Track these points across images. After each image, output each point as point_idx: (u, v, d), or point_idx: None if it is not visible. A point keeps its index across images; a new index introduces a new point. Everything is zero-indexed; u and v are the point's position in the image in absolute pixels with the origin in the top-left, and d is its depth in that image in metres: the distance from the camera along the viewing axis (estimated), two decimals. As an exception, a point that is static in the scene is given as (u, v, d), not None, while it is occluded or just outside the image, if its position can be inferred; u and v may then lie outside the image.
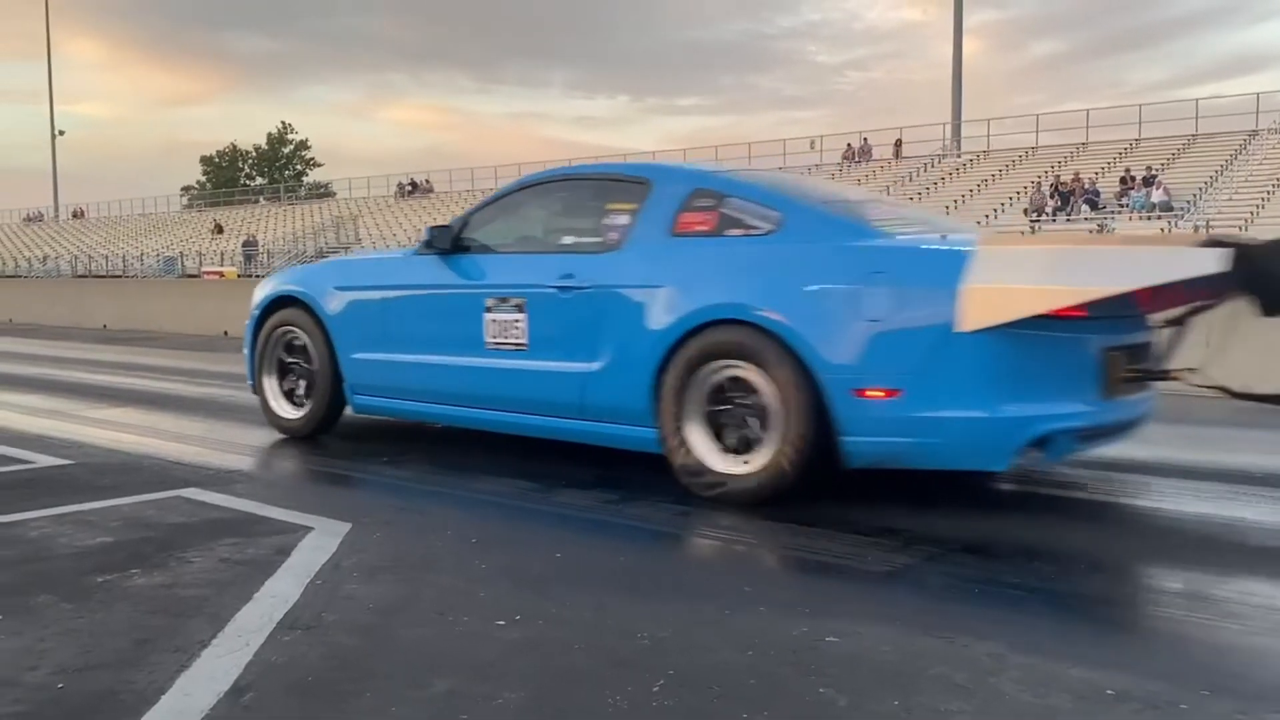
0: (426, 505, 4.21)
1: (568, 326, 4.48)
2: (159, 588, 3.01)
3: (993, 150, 33.67)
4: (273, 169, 70.45)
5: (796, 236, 4.06)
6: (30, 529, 3.66)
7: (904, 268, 3.81)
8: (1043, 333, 3.64)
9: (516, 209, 5.09)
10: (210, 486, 4.36)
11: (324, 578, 3.08)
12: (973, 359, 3.62)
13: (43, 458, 5.04)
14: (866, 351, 3.75)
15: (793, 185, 4.69)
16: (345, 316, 5.29)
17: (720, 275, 4.13)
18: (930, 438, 3.71)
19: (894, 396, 3.71)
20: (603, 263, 4.44)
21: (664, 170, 4.78)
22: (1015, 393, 3.66)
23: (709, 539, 3.68)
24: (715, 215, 4.28)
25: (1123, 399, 3.96)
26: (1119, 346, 3.90)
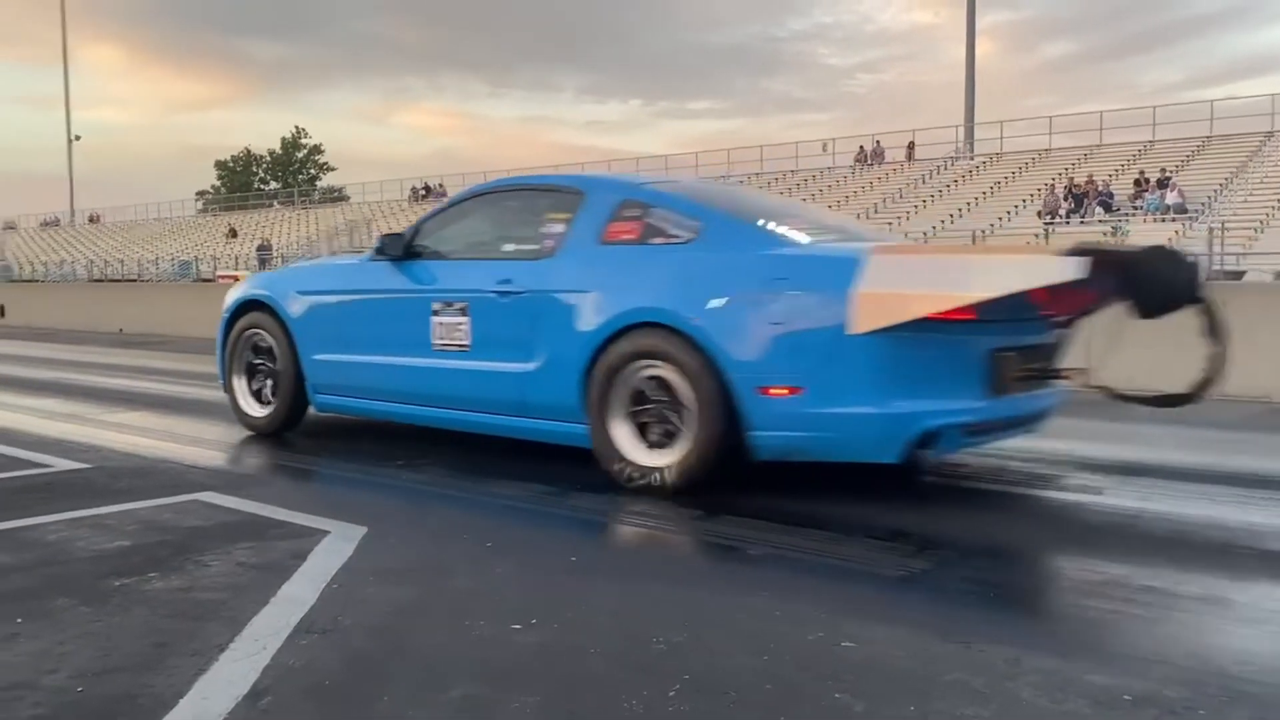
0: (442, 509, 4.22)
1: (506, 329, 4.74)
2: (176, 591, 3.02)
3: (1006, 153, 33.57)
4: (287, 173, 70.74)
5: (712, 245, 4.32)
6: (48, 532, 3.69)
7: (802, 274, 4.07)
8: (930, 334, 3.86)
9: (464, 218, 5.34)
10: (226, 490, 4.38)
11: (340, 581, 3.09)
12: (864, 359, 3.87)
13: (61, 461, 5.07)
14: (770, 352, 4.01)
15: (714, 196, 4.89)
16: (306, 319, 5.57)
17: (643, 281, 4.39)
18: (828, 432, 3.98)
19: (795, 394, 3.97)
20: (538, 269, 4.72)
21: (596, 181, 5.02)
22: (904, 390, 3.90)
23: (723, 544, 3.67)
24: (641, 224, 4.55)
25: (1018, 396, 4.21)
26: (1011, 347, 4.14)
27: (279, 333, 5.67)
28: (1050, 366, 4.38)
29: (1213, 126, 29.99)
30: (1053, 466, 4.95)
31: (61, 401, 7.60)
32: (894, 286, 3.84)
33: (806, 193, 34.93)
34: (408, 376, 5.14)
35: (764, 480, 4.41)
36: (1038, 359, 4.30)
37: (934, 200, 31.35)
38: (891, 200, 32.36)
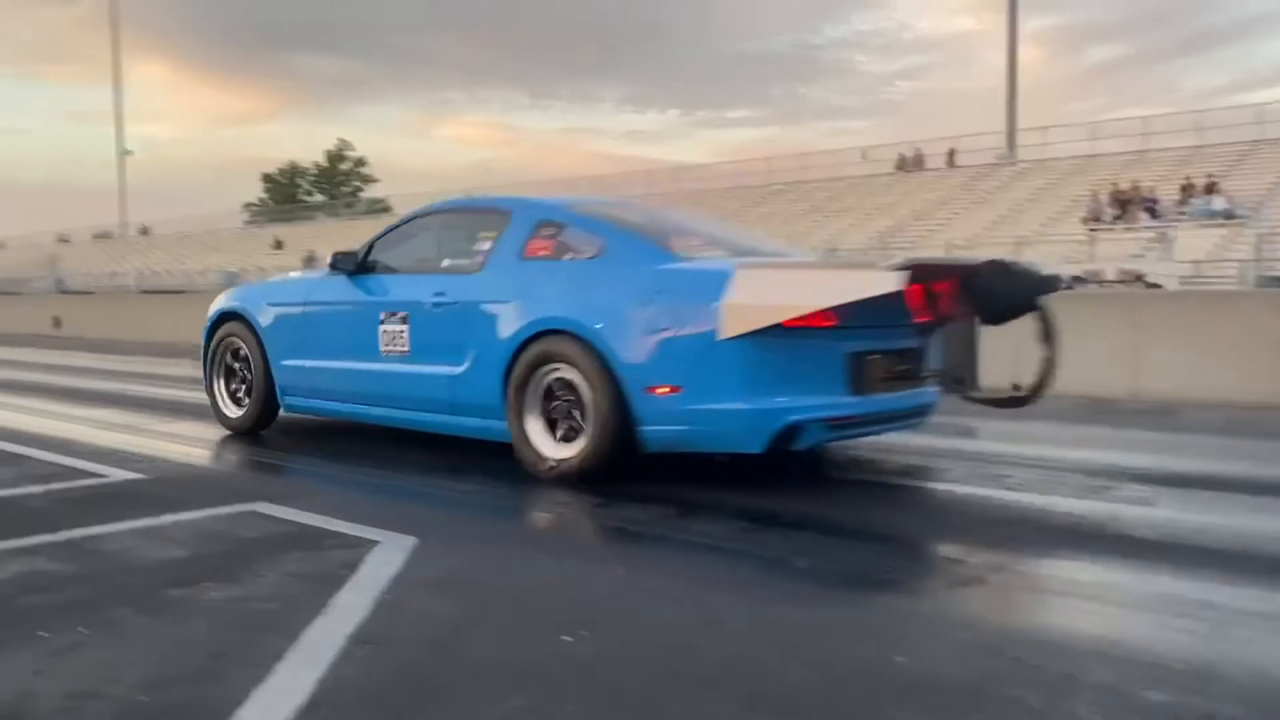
0: (491, 518, 4.25)
1: (439, 336, 5.25)
2: (232, 601, 3.07)
3: (1049, 159, 33.19)
4: (331, 185, 71.60)
5: (611, 261, 4.83)
6: (108, 542, 3.76)
7: (680, 287, 4.54)
8: (791, 339, 4.32)
9: (410, 235, 5.87)
10: (278, 500, 4.44)
11: (393, 592, 3.12)
12: (732, 361, 4.32)
13: (117, 471, 5.16)
14: (654, 356, 4.48)
15: (622, 216, 5.37)
16: (274, 328, 6.16)
17: (553, 292, 4.88)
18: (704, 426, 4.44)
19: (675, 392, 4.44)
20: (467, 282, 5.23)
21: (521, 203, 5.55)
22: (769, 388, 4.35)
23: (772, 555, 3.66)
24: (555, 242, 5.06)
25: (885, 394, 4.68)
26: (873, 351, 4.60)
27: (252, 341, 6.24)
28: (914, 369, 4.80)
29: (1261, 130, 29.45)
30: (1108, 478, 4.89)
31: (116, 412, 7.74)
32: (754, 298, 4.32)
33: (846, 201, 34.76)
34: (360, 380, 5.67)
35: (806, 491, 4.40)
36: (901, 362, 4.73)
37: (975, 208, 31.06)
38: (932, 208, 32.12)
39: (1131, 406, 7.74)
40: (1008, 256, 4.98)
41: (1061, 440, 6.40)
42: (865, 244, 29.54)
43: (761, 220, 34.83)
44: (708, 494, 4.56)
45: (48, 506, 4.40)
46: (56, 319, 21.59)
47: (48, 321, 21.58)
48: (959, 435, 6.78)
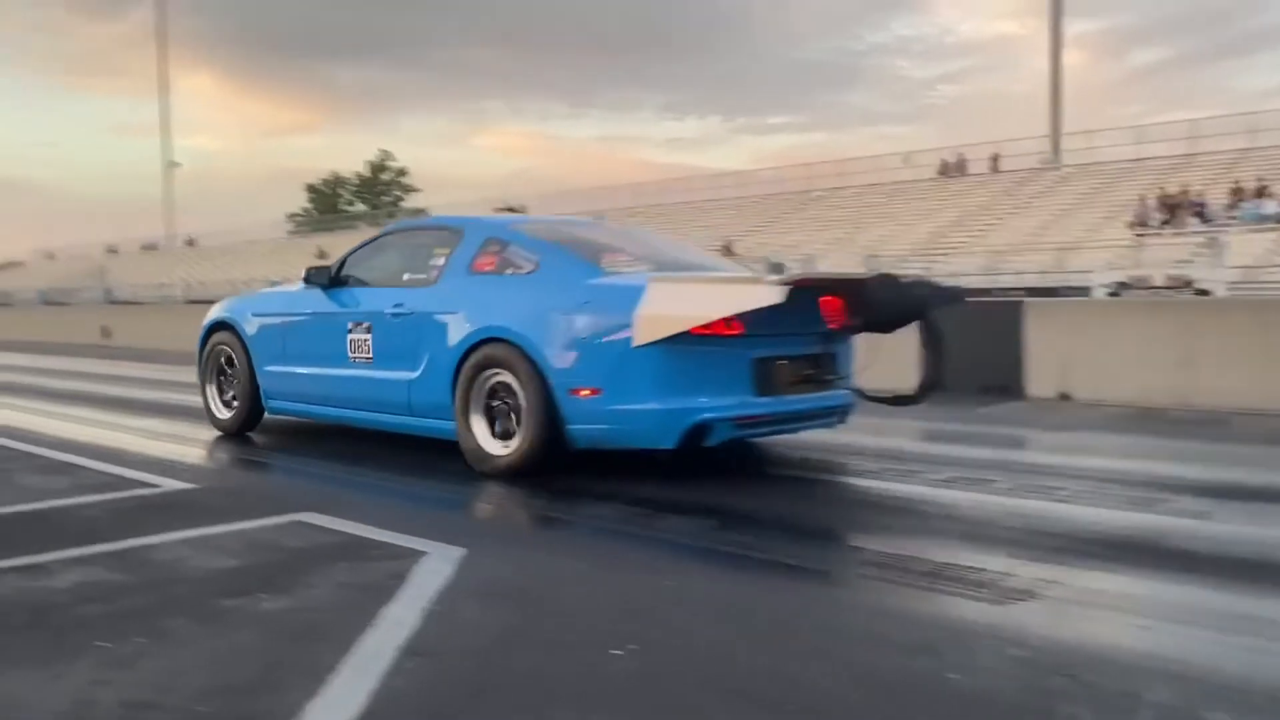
0: (537, 530, 4.27)
1: (398, 343, 5.68)
2: (284, 612, 3.10)
3: (1094, 163, 32.77)
4: (373, 195, 72.32)
5: (545, 275, 5.28)
6: (161, 552, 3.82)
7: (600, 299, 4.97)
8: (698, 345, 4.74)
9: (379, 252, 6.34)
10: (325, 510, 4.47)
11: (441, 603, 3.14)
12: (645, 365, 4.75)
13: (168, 481, 5.24)
14: (578, 361, 4.91)
15: (560, 234, 5.83)
16: (258, 337, 6.66)
17: (494, 304, 5.32)
18: (622, 424, 4.86)
19: (596, 394, 4.86)
20: (423, 294, 5.66)
21: (472, 222, 6.07)
22: (679, 390, 4.77)
23: (816, 569, 3.64)
24: (499, 258, 5.51)
25: (792, 396, 5.08)
26: (780, 356, 5.00)
27: (239, 348, 6.75)
28: (822, 373, 5.22)
29: (1314, 132, 28.89)
30: (1161, 490, 4.82)
31: (164, 422, 7.86)
32: (663, 309, 4.75)
33: (887, 207, 34.54)
34: (332, 384, 6.12)
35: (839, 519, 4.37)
36: (809, 367, 5.15)
37: (1019, 213, 30.75)
38: (975, 213, 31.83)
39: (1182, 416, 7.60)
40: (895, 271, 5.46)
41: (1111, 451, 6.30)
42: (907, 250, 29.32)
43: (801, 227, 34.72)
44: (750, 505, 4.54)
45: (102, 516, 4.48)
46: (105, 329, 21.97)
47: (96, 331, 21.96)
48: (1007, 446, 6.72)
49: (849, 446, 6.36)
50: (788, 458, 5.83)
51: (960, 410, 8.15)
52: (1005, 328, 9.04)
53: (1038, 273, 24.34)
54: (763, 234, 35.31)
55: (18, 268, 69.15)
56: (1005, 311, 9.52)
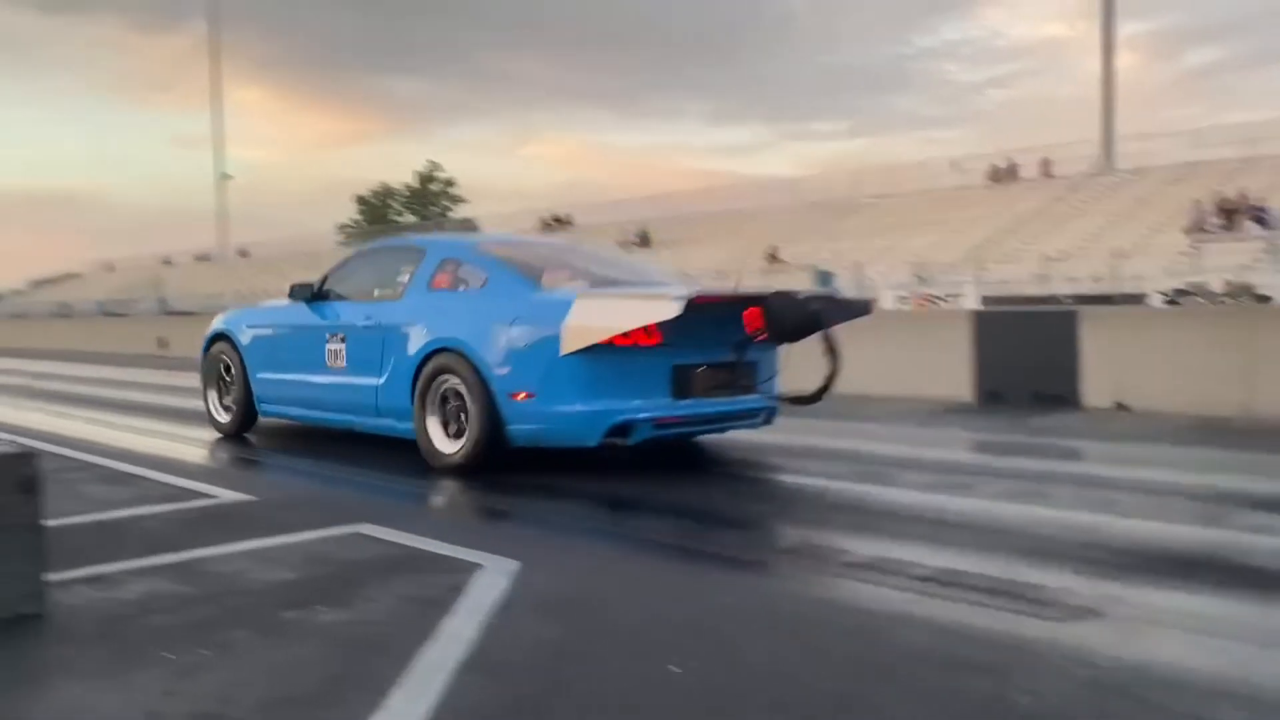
0: (591, 543, 4.26)
1: (368, 353, 6.27)
2: (344, 624, 3.13)
3: (1148, 167, 32.19)
4: (422, 206, 73.05)
5: (491, 291, 5.85)
6: (222, 564, 3.87)
7: (535, 313, 5.50)
8: (619, 353, 5.24)
9: (356, 269, 6.99)
10: (382, 522, 4.52)
11: (499, 617, 3.15)
12: (571, 372, 5.29)
13: (226, 492, 5.32)
14: (515, 368, 5.44)
15: (509, 254, 6.39)
16: (252, 347, 7.29)
17: (447, 317, 5.87)
18: (552, 425, 5.39)
19: (531, 398, 5.39)
20: (389, 308, 6.27)
21: (433, 242, 6.82)
22: (601, 393, 5.29)
23: (874, 585, 3.59)
24: (454, 275, 6.09)
25: (708, 400, 5.59)
26: (697, 364, 5.50)
27: (235, 357, 7.38)
28: (739, 379, 5.71)
29: (1379, 134, 28.13)
30: (1225, 504, 4.71)
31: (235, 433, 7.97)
32: (586, 321, 5.24)
33: (936, 214, 34.19)
34: (313, 390, 6.72)
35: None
36: (726, 373, 5.62)
37: (1072, 219, 30.28)
38: (1026, 219, 31.41)
39: (1245, 427, 7.43)
40: (793, 287, 6.00)
41: (1172, 463, 6.17)
42: (956, 258, 29.00)
43: (848, 234, 34.49)
44: (807, 517, 4.52)
45: (164, 527, 4.56)
46: (162, 340, 22.35)
47: (153, 342, 22.36)
48: (1064, 458, 6.62)
49: (903, 459, 6.30)
50: (834, 470, 5.79)
51: (1014, 420, 8.04)
52: (1059, 336, 8.91)
53: (1091, 279, 23.95)
54: (809, 241, 35.11)
55: (77, 279, 70.76)
56: (1059, 320, 9.39)
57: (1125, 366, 8.51)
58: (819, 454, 6.50)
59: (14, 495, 3.19)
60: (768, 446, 6.63)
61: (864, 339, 10.63)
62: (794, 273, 30.09)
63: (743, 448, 6.56)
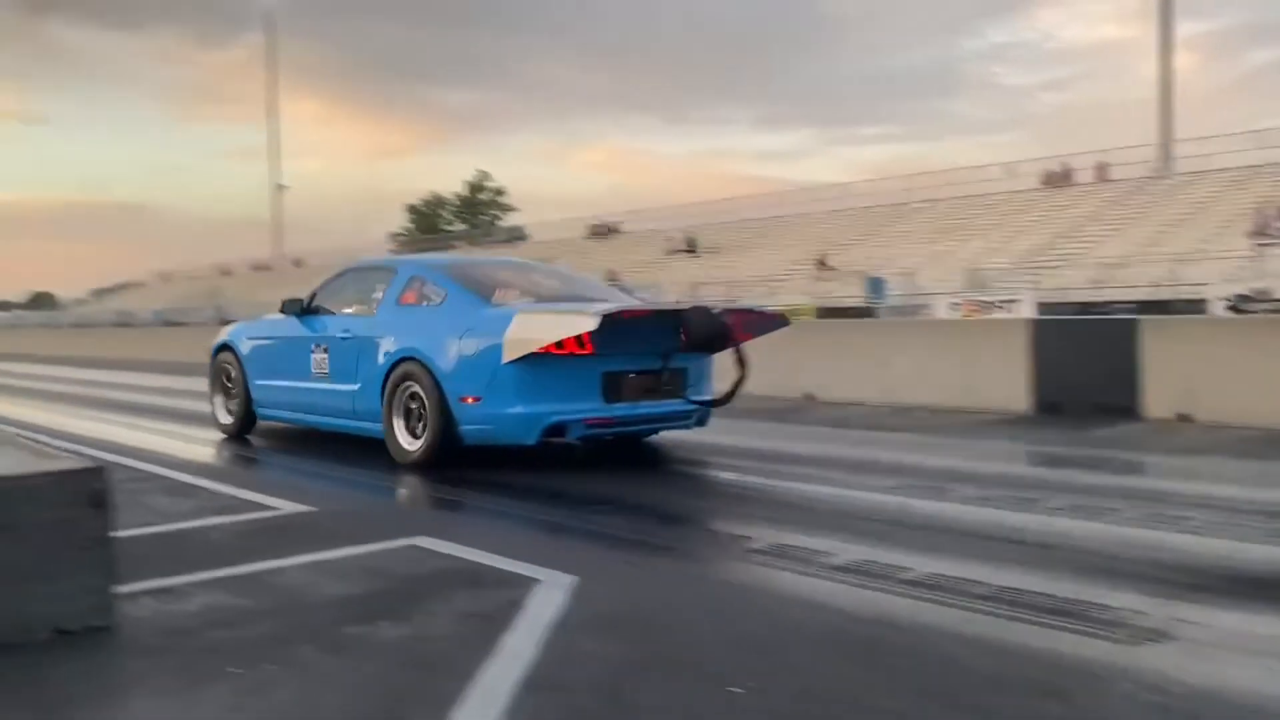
0: (649, 559, 4.23)
1: (345, 362, 6.99)
2: (406, 640, 3.16)
3: (1208, 170, 31.54)
4: (472, 215, 73.68)
5: (448, 307, 6.53)
6: (284, 576, 3.92)
7: (482, 326, 6.16)
8: (555, 362, 5.89)
9: (339, 286, 7.67)
10: (438, 535, 4.54)
11: (558, 634, 3.16)
12: (511, 378, 5.96)
13: (285, 503, 5.38)
14: (465, 375, 6.13)
15: (466, 273, 7.03)
16: (250, 356, 8.04)
17: (410, 330, 6.58)
18: (496, 425, 6.06)
19: (478, 401, 6.07)
20: (363, 322, 7.02)
21: (403, 262, 7.92)
22: (538, 397, 5.95)
23: (933, 603, 3.54)
24: (419, 292, 6.82)
25: (636, 403, 6.22)
26: (630, 370, 6.16)
27: (236, 366, 8.14)
28: (666, 385, 6.37)
29: None
30: None
31: (281, 443, 8.10)
32: (524, 333, 5.91)
33: (989, 219, 33.78)
34: (301, 395, 7.43)
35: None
36: (654, 379, 6.29)
37: (1128, 224, 29.76)
38: (1081, 224, 30.93)
39: (1315, 438, 7.23)
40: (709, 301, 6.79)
41: (1241, 477, 6.02)
42: (1009, 264, 28.62)
43: (900, 240, 34.19)
44: (858, 531, 4.47)
45: (226, 539, 4.63)
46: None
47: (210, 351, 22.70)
48: (1126, 471, 6.49)
49: (960, 472, 6.22)
50: (891, 484, 5.73)
51: (1074, 432, 7.91)
52: (1119, 346, 8.75)
53: (1149, 286, 23.52)
54: (860, 247, 34.88)
55: (137, 288, 72.34)
56: (1119, 329, 9.22)
57: (1189, 377, 8.33)
58: (879, 468, 6.44)
59: (85, 509, 3.26)
60: (831, 459, 6.58)
61: (916, 348, 10.55)
62: (844, 279, 29.92)
63: (804, 459, 6.52)
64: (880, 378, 10.32)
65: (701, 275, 34.69)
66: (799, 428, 8.94)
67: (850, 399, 10.25)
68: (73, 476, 3.30)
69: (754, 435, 8.18)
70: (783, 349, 11.64)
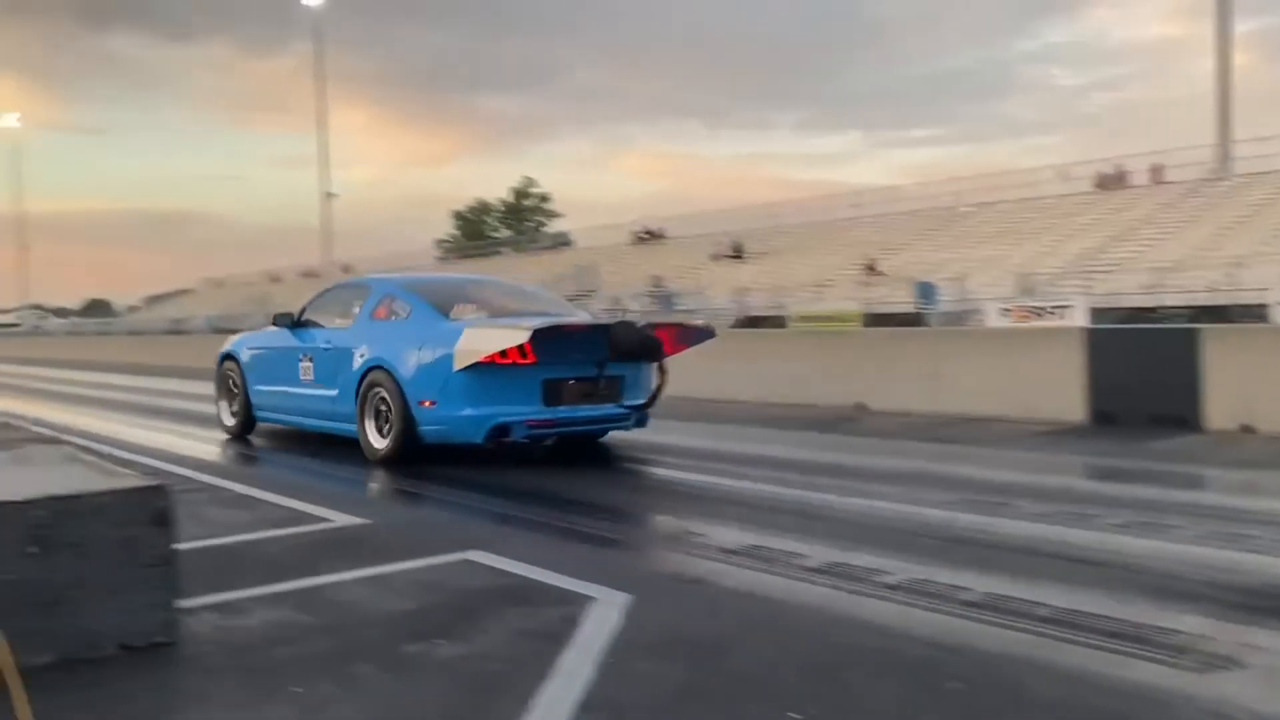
0: (705, 577, 4.16)
1: (326, 370, 7.85)
2: (463, 659, 3.17)
3: (1268, 171, 30.82)
4: (517, 221, 74.08)
5: (413, 321, 7.42)
6: (342, 592, 3.96)
7: (438, 339, 6.99)
8: (500, 370, 6.68)
9: (325, 302, 8.59)
10: (490, 549, 4.56)
11: (614, 655, 3.15)
12: (461, 384, 6.77)
13: (340, 515, 5.44)
14: (423, 382, 6.94)
15: (431, 290, 7.93)
16: (250, 364, 8.91)
17: (381, 342, 7.45)
18: (449, 425, 6.88)
19: (433, 405, 6.89)
20: (342, 334, 7.90)
21: (377, 281, 8.65)
22: (485, 400, 6.75)
23: (992, 625, 3.49)
24: (389, 308, 7.72)
25: (574, 407, 7.00)
26: (570, 378, 6.93)
27: (238, 373, 9.00)
28: (601, 391, 7.10)
29: None
30: None
31: (332, 452, 8.19)
32: (471, 345, 6.74)
33: (1041, 222, 33.30)
34: (292, 400, 8.31)
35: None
36: (590, 386, 7.04)
37: (1185, 227, 29.18)
38: (1136, 227, 30.39)
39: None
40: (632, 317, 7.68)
41: (1307, 492, 5.87)
42: (1061, 268, 28.21)
43: (950, 245, 33.82)
44: (917, 549, 4.42)
45: (283, 553, 4.68)
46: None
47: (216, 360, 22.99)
48: (1187, 486, 6.36)
49: (1016, 485, 6.13)
50: (945, 499, 5.65)
51: (1132, 444, 7.77)
52: (1180, 354, 8.57)
53: (1206, 290, 23.04)
54: (909, 252, 34.56)
55: (189, 295, 73.66)
56: (1180, 338, 9.04)
57: (1252, 386, 8.14)
58: (933, 481, 6.36)
59: (149, 528, 3.32)
60: (884, 472, 6.51)
61: (968, 357, 10.41)
62: (893, 284, 29.67)
63: (857, 473, 6.46)
64: (932, 387, 10.21)
65: (748, 280, 34.55)
66: (850, 439, 8.86)
67: (901, 409, 10.15)
68: (137, 494, 3.36)
69: (807, 447, 8.13)
70: (833, 358, 11.59)
